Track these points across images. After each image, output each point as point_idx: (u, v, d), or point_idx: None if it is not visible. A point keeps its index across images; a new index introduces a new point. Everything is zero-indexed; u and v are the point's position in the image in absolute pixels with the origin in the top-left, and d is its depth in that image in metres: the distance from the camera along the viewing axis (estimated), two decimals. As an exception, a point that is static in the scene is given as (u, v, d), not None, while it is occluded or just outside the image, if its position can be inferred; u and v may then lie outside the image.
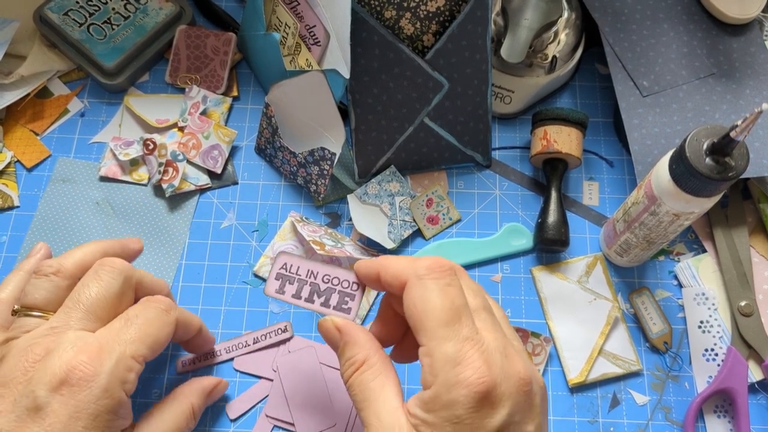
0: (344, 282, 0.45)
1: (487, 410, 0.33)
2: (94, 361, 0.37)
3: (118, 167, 0.58)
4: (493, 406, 0.33)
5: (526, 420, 0.34)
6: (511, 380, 0.34)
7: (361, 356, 0.37)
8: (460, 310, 0.35)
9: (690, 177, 0.41)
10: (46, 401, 0.35)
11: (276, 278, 0.45)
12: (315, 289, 0.45)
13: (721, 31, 0.59)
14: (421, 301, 0.35)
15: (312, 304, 0.45)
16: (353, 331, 0.39)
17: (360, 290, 0.44)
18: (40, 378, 0.36)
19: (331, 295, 0.45)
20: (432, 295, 0.35)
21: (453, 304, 0.35)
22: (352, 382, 0.37)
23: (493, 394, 0.33)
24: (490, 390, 0.33)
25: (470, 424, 0.33)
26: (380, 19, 0.51)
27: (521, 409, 0.34)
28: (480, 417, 0.33)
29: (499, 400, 0.33)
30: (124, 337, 0.39)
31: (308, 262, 0.45)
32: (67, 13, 0.60)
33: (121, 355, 0.38)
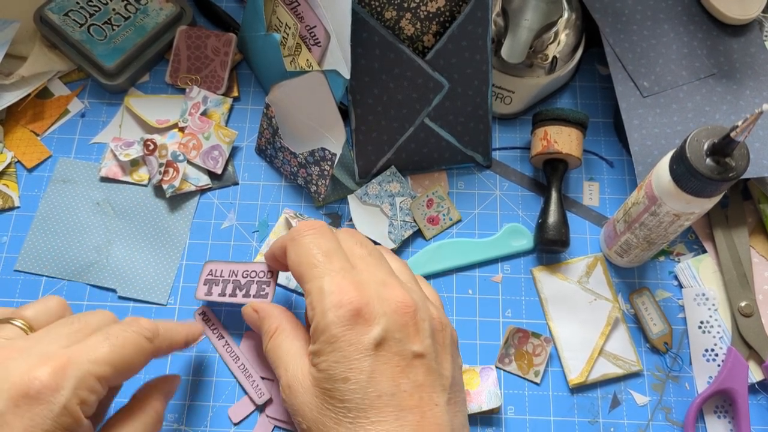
0: (260, 273, 0.51)
1: (361, 327, 0.36)
2: (57, 375, 0.34)
3: (118, 168, 0.58)
4: (367, 322, 0.36)
5: (410, 340, 0.37)
6: (387, 301, 0.37)
7: (274, 325, 0.42)
8: (330, 252, 0.39)
9: (690, 177, 0.41)
10: (1, 411, 0.33)
11: (204, 284, 0.52)
12: (237, 285, 0.51)
13: (721, 32, 0.59)
14: (295, 255, 0.40)
15: (235, 297, 0.51)
16: (267, 308, 0.44)
17: (273, 277, 0.50)
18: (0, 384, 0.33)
19: (250, 287, 0.51)
20: (302, 247, 0.40)
21: (321, 248, 0.40)
22: (267, 348, 0.42)
23: (364, 311, 0.36)
24: (360, 308, 0.36)
25: (347, 340, 0.36)
26: (380, 19, 0.51)
27: (401, 329, 0.37)
28: (355, 333, 0.36)
29: (373, 317, 0.36)
30: (94, 356, 0.36)
31: (231, 264, 0.52)
32: (67, 14, 0.60)
33: (86, 375, 0.35)
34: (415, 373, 0.36)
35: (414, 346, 0.37)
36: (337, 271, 0.38)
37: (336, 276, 0.38)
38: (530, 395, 0.51)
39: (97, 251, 0.55)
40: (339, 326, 0.36)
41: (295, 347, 0.40)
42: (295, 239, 0.41)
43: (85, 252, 0.55)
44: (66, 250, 0.55)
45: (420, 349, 0.37)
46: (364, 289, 0.37)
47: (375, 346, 0.36)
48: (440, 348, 0.39)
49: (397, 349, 0.36)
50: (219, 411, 0.50)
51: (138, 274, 0.54)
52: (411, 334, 0.37)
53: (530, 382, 0.52)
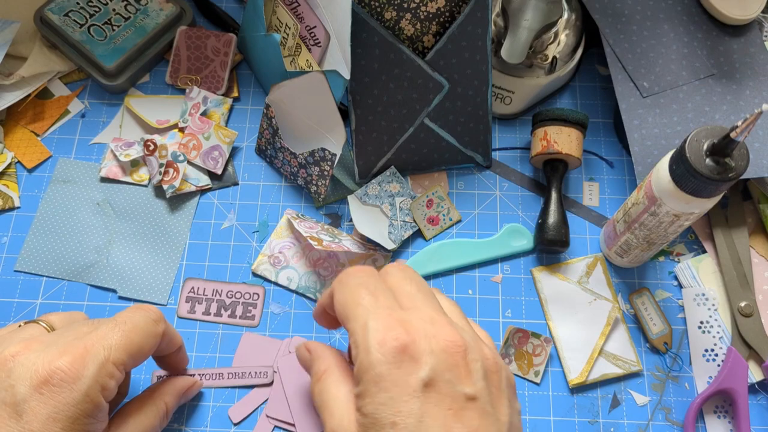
0: (246, 294, 0.52)
1: (408, 365, 0.33)
2: (78, 363, 0.36)
3: (118, 168, 0.58)
4: (414, 360, 0.33)
5: (461, 381, 0.34)
6: (435, 339, 0.34)
7: (323, 367, 0.39)
8: (376, 291, 0.37)
9: (690, 177, 0.41)
10: (25, 398, 0.35)
11: (186, 301, 0.53)
12: (221, 305, 0.53)
13: (721, 32, 0.59)
14: (341, 296, 0.38)
15: (221, 317, 0.52)
16: (320, 349, 0.41)
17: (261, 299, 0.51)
18: (22, 373, 0.36)
19: (236, 308, 0.53)
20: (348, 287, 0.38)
21: (368, 288, 0.38)
22: (314, 391, 0.39)
23: (411, 348, 0.33)
24: (407, 345, 0.33)
25: (393, 380, 0.33)
26: (380, 20, 0.51)
27: (451, 368, 0.34)
28: (402, 372, 0.33)
29: (420, 356, 0.33)
30: (109, 342, 0.38)
31: (212, 282, 0.53)
32: (67, 14, 0.60)
33: (104, 361, 0.37)
34: (468, 418, 0.33)
35: (466, 388, 0.33)
36: (382, 308, 0.36)
37: (381, 313, 0.35)
38: (530, 395, 0.51)
39: (98, 251, 0.55)
40: (384, 364, 0.33)
41: (342, 392, 0.37)
42: (342, 281, 0.39)
43: (85, 252, 0.55)
44: (66, 251, 0.55)
45: (472, 392, 0.34)
46: (410, 326, 0.34)
47: (424, 386, 0.33)
48: (495, 391, 0.35)
49: (447, 391, 0.33)
50: (219, 411, 0.50)
51: (138, 275, 0.54)
52: (462, 375, 0.34)
53: (530, 382, 0.52)
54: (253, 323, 0.53)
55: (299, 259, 0.55)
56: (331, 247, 0.51)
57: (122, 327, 0.39)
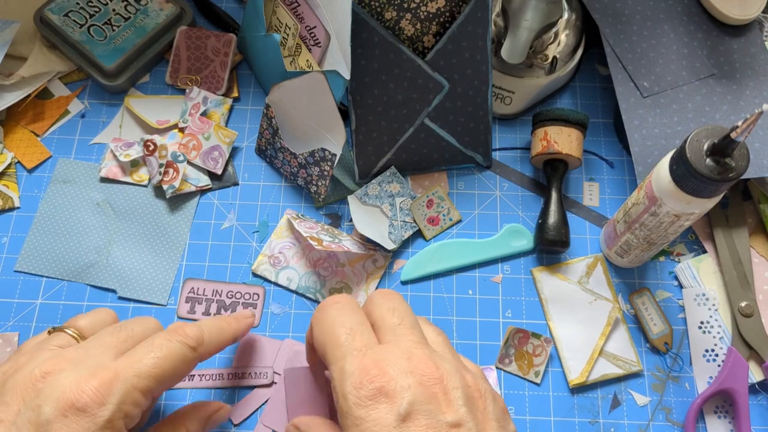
0: (246, 294, 0.52)
1: (385, 405, 0.34)
2: (105, 388, 0.36)
3: (118, 168, 0.58)
4: (391, 399, 0.34)
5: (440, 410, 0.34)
6: (411, 374, 0.35)
7: None
8: (353, 329, 0.37)
9: (690, 178, 0.41)
10: (49, 420, 0.34)
11: (186, 301, 0.53)
12: (221, 305, 0.53)
13: (721, 32, 0.59)
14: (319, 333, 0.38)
15: None
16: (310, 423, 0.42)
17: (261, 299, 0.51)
18: (49, 394, 0.35)
19: (236, 308, 0.53)
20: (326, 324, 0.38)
21: (344, 325, 0.37)
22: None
23: (387, 387, 0.34)
24: (382, 386, 0.34)
25: (373, 420, 0.33)
26: (380, 20, 0.51)
27: (429, 400, 0.34)
28: (380, 412, 0.34)
29: (397, 393, 0.34)
30: (140, 368, 0.37)
31: (213, 283, 0.53)
32: (67, 15, 0.60)
33: (131, 388, 0.36)
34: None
35: (447, 417, 0.34)
36: (358, 349, 0.36)
37: (357, 356, 0.36)
38: (530, 395, 0.51)
39: (97, 252, 0.55)
40: (362, 408, 0.34)
41: None
42: (318, 316, 0.39)
43: (85, 252, 0.55)
44: (66, 251, 0.55)
45: (455, 419, 0.34)
46: (387, 366, 0.35)
47: (401, 420, 0.33)
48: (480, 416, 0.35)
49: (427, 422, 0.33)
50: (219, 411, 0.50)
51: (138, 275, 0.54)
52: (441, 404, 0.34)
53: (530, 383, 0.52)
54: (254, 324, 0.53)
55: (299, 260, 0.55)
56: (331, 247, 0.51)
57: (157, 353, 0.38)
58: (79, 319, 0.43)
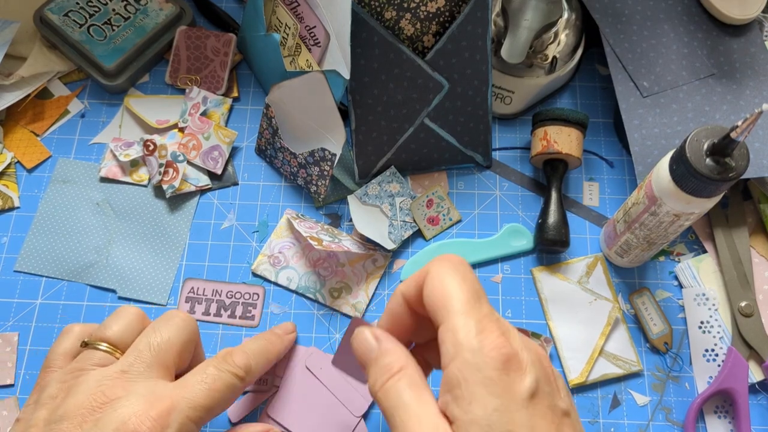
0: (246, 294, 0.52)
1: (515, 373, 0.32)
2: (164, 420, 0.36)
3: (118, 168, 0.58)
4: (520, 369, 0.32)
5: (555, 394, 0.33)
6: (531, 351, 0.33)
7: (399, 364, 0.35)
8: (479, 292, 0.35)
9: (690, 177, 0.41)
10: None
11: (186, 301, 0.53)
12: (221, 305, 0.53)
13: (721, 32, 0.59)
14: (442, 285, 0.35)
15: (220, 317, 0.53)
16: (392, 341, 0.36)
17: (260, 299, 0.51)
18: (107, 424, 0.35)
19: (235, 308, 0.53)
20: (453, 279, 0.35)
21: (473, 286, 0.35)
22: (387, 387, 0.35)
23: (517, 358, 0.32)
24: (514, 354, 0.32)
25: (504, 386, 0.31)
26: (380, 19, 0.51)
27: (547, 381, 0.33)
28: (511, 379, 0.31)
29: (525, 366, 0.32)
30: (192, 398, 0.38)
31: (213, 283, 0.54)
32: (67, 14, 0.60)
33: (186, 419, 0.37)
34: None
35: (560, 403, 0.33)
36: (486, 315, 0.34)
37: (485, 319, 0.33)
38: (530, 395, 0.51)
39: (97, 252, 0.55)
40: (494, 369, 0.31)
41: (426, 396, 0.34)
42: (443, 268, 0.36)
43: (84, 252, 0.55)
44: (66, 251, 0.55)
45: (565, 407, 0.33)
46: (510, 338, 0.33)
47: (530, 396, 0.31)
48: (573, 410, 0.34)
49: (548, 403, 0.32)
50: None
51: (138, 275, 0.54)
52: (555, 389, 0.33)
53: (530, 383, 0.52)
54: (253, 323, 0.53)
55: (299, 259, 0.55)
56: (331, 247, 0.51)
57: (209, 384, 0.39)
58: (108, 328, 0.41)
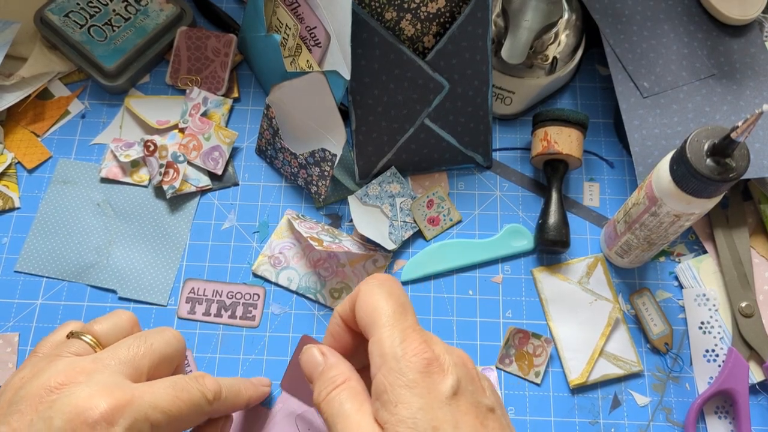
0: (246, 295, 0.52)
1: (437, 375, 0.34)
2: (116, 411, 0.35)
3: (118, 168, 0.58)
4: (441, 371, 0.34)
5: (479, 393, 0.35)
6: (453, 354, 0.36)
7: (343, 377, 0.38)
8: (404, 305, 0.38)
9: (691, 178, 0.41)
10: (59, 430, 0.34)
11: (186, 302, 0.53)
12: (221, 306, 0.53)
13: (721, 32, 0.59)
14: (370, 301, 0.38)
15: (221, 318, 0.52)
16: (337, 356, 0.40)
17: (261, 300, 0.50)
18: (62, 406, 0.35)
19: (236, 308, 0.53)
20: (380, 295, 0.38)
21: (398, 300, 0.38)
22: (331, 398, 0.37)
23: (438, 361, 0.35)
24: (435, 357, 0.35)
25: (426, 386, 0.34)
26: (381, 20, 0.51)
27: (470, 380, 0.35)
28: (433, 381, 0.34)
29: (447, 368, 0.35)
30: (154, 401, 0.37)
31: (213, 283, 0.54)
32: (67, 15, 0.60)
33: (143, 417, 0.36)
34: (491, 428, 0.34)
35: (485, 400, 0.35)
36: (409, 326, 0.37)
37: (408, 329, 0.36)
38: (531, 396, 0.51)
39: (98, 252, 0.55)
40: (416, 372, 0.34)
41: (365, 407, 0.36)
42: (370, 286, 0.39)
43: (85, 253, 0.55)
44: (66, 251, 0.55)
45: (490, 403, 0.35)
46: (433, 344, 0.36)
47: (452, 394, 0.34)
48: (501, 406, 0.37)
49: (472, 400, 0.35)
50: (219, 412, 0.50)
51: (138, 275, 0.54)
52: (478, 387, 0.36)
53: (531, 383, 0.52)
54: (254, 324, 0.53)
55: (299, 260, 0.55)
56: (332, 247, 0.51)
57: (177, 392, 0.38)
58: (98, 323, 0.41)
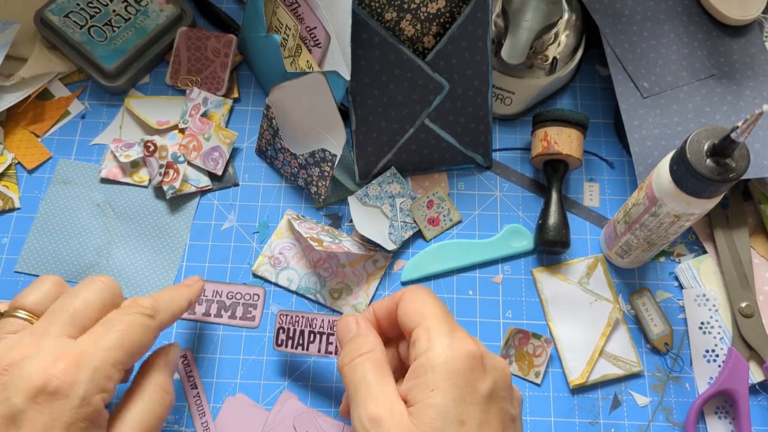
0: (246, 295, 0.52)
1: (478, 373, 0.35)
2: (73, 369, 0.35)
3: (118, 169, 0.58)
4: (483, 370, 0.35)
5: (509, 401, 0.36)
6: (493, 360, 0.37)
7: (369, 346, 0.39)
8: (448, 311, 0.39)
9: (691, 178, 0.41)
10: (22, 409, 0.34)
11: None
12: (221, 306, 0.53)
13: (721, 33, 0.59)
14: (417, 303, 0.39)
15: (221, 318, 0.52)
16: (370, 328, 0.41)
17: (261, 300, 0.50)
18: (16, 384, 0.35)
19: (236, 309, 0.53)
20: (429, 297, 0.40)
21: (443, 306, 0.40)
22: (355, 364, 0.38)
23: (482, 360, 0.36)
24: (481, 354, 0.36)
25: (466, 379, 0.35)
26: (381, 20, 0.51)
27: (505, 387, 0.36)
28: (473, 377, 0.35)
29: (487, 369, 0.36)
30: (104, 344, 0.37)
31: (214, 284, 0.53)
32: (67, 15, 0.60)
33: (100, 363, 0.36)
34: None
35: (512, 409, 0.36)
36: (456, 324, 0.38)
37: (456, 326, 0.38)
38: (531, 396, 0.51)
39: (98, 252, 0.55)
40: (460, 363, 0.35)
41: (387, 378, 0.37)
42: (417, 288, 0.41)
43: (85, 253, 0.55)
44: (66, 252, 0.55)
45: (516, 413, 0.37)
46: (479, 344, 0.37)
47: (488, 396, 0.35)
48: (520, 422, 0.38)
49: (502, 406, 0.36)
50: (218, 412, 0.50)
51: (138, 276, 0.54)
52: (508, 397, 0.37)
53: (531, 383, 0.51)
54: (254, 324, 0.53)
55: (299, 260, 0.55)
56: (332, 248, 0.51)
57: (118, 327, 0.38)
58: (26, 296, 0.40)
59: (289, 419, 0.49)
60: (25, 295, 0.41)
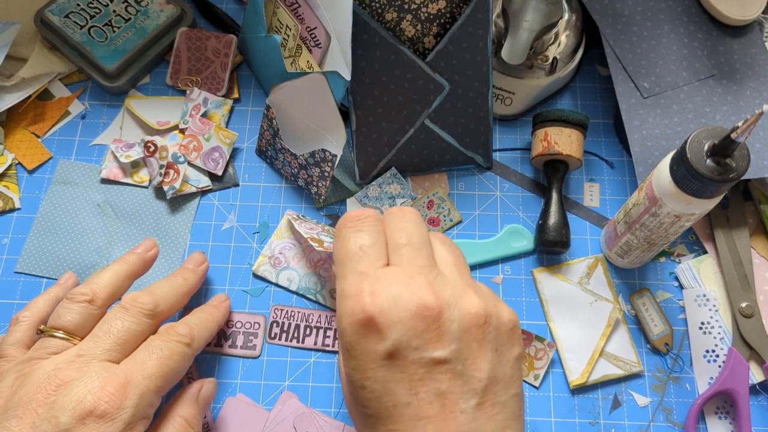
0: (246, 323, 0.52)
1: (372, 336, 0.34)
2: (120, 394, 0.37)
3: (119, 169, 0.58)
4: (379, 332, 0.34)
5: (430, 346, 0.34)
6: (405, 306, 0.34)
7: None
8: (364, 249, 0.37)
9: (691, 178, 0.41)
10: (68, 428, 0.35)
11: None
12: (221, 335, 0.52)
13: (721, 33, 0.59)
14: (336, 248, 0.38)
15: (221, 348, 0.51)
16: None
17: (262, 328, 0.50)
18: (65, 404, 0.36)
19: (236, 337, 0.52)
20: (340, 240, 0.38)
21: (357, 242, 0.37)
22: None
23: (377, 320, 0.34)
24: (373, 317, 0.34)
25: (360, 349, 0.34)
26: (381, 21, 0.51)
27: (419, 335, 0.34)
28: (368, 342, 0.34)
29: (386, 327, 0.34)
30: (147, 372, 0.39)
31: None
32: (68, 16, 0.60)
33: (145, 390, 0.38)
34: (436, 380, 0.34)
35: (435, 353, 0.34)
36: (359, 272, 0.36)
37: (357, 278, 0.36)
38: (531, 396, 0.51)
39: (98, 253, 0.55)
40: (352, 334, 0.35)
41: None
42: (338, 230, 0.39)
43: (85, 254, 0.55)
44: (67, 252, 0.55)
45: (443, 355, 0.34)
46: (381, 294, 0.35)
47: (387, 356, 0.34)
48: (475, 346, 0.35)
49: (414, 357, 0.34)
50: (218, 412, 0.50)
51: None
52: (432, 339, 0.34)
53: (529, 386, 0.51)
54: (254, 353, 0.52)
55: (300, 260, 0.55)
56: (332, 248, 0.51)
57: (159, 354, 0.40)
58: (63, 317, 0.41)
59: (289, 419, 0.49)
60: (61, 316, 0.42)
